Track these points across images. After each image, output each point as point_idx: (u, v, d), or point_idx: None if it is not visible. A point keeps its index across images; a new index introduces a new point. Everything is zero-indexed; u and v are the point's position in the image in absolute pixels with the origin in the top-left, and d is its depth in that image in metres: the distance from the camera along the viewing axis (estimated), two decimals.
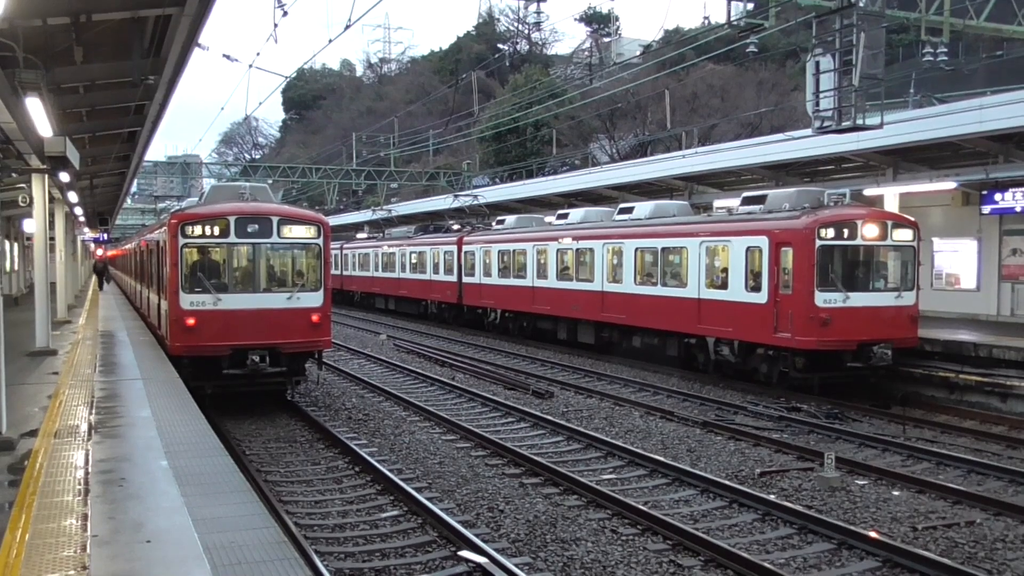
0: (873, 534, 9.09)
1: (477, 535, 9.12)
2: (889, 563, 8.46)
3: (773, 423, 15.13)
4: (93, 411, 10.66)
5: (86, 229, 42.95)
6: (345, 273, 46.58)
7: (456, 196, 37.88)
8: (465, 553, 8.58)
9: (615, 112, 49.04)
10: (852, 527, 9.30)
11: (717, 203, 23.98)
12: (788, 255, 16.83)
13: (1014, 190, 21.42)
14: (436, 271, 34.25)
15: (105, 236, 47.77)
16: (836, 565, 8.57)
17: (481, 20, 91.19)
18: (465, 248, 31.74)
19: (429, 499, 10.42)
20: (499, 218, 32.69)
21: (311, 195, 61.53)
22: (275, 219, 15.64)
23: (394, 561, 8.69)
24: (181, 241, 15.19)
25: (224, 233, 15.39)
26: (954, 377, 16.65)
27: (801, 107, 29.89)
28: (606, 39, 77.14)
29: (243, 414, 15.58)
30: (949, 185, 22.05)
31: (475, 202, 36.31)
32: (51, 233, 21.42)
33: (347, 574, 8.31)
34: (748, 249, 17.73)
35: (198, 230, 15.40)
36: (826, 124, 17.30)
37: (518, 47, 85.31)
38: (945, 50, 22.15)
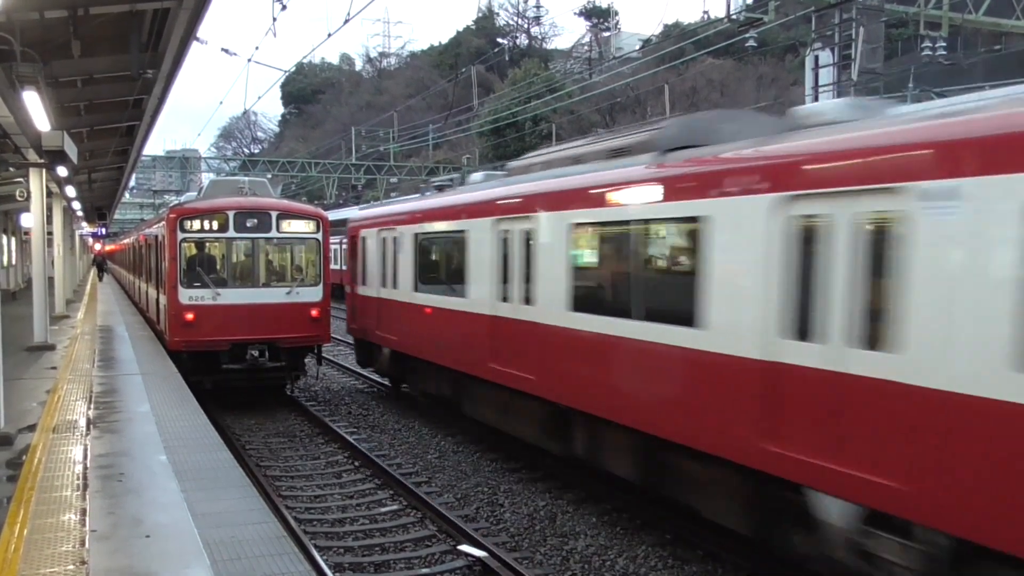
0: None
1: (476, 529, 9.13)
2: None
3: None
4: (92, 406, 10.65)
5: (84, 223, 42.89)
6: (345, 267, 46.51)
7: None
8: (465, 547, 8.59)
9: (614, 106, 48.98)
10: None
11: None
12: None
13: None
14: None
15: (103, 230, 47.69)
16: None
17: (480, 14, 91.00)
18: None
19: (427, 494, 10.44)
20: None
21: (310, 190, 61.45)
22: (274, 214, 15.64)
23: (394, 555, 8.70)
24: (180, 236, 15.18)
25: (223, 228, 15.39)
26: None
27: (800, 101, 29.86)
28: (605, 33, 77.02)
29: (243, 409, 15.57)
30: None
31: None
32: (49, 228, 21.40)
33: (347, 568, 8.31)
34: None
35: (197, 225, 15.40)
36: None
37: (517, 41, 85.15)
38: (944, 44, 22.14)
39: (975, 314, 5.38)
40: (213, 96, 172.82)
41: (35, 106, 10.59)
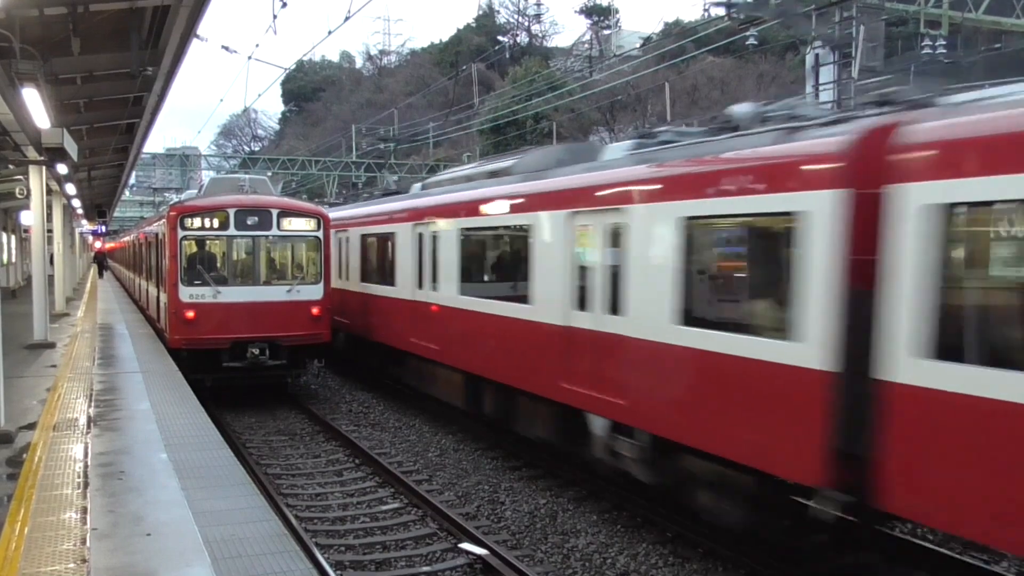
0: None
1: (477, 527, 9.12)
2: None
3: None
4: (92, 404, 10.64)
5: (84, 221, 42.86)
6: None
7: None
8: (466, 545, 8.58)
9: (615, 104, 48.92)
10: None
11: None
12: None
13: None
14: None
15: (103, 228, 47.66)
16: None
17: (481, 12, 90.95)
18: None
19: (428, 492, 10.43)
20: None
21: (310, 187, 61.41)
22: (275, 211, 15.62)
23: (395, 553, 8.69)
24: (180, 233, 15.17)
25: (224, 226, 15.38)
26: None
27: (801, 99, 29.75)
28: (606, 31, 76.97)
29: (243, 407, 15.56)
30: None
31: None
32: (49, 225, 21.36)
33: (348, 566, 8.30)
34: None
35: (197, 222, 15.39)
36: None
37: (518, 39, 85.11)
38: (944, 43, 22.12)
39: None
40: (213, 94, 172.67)
41: (35, 103, 10.57)
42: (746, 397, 7.10)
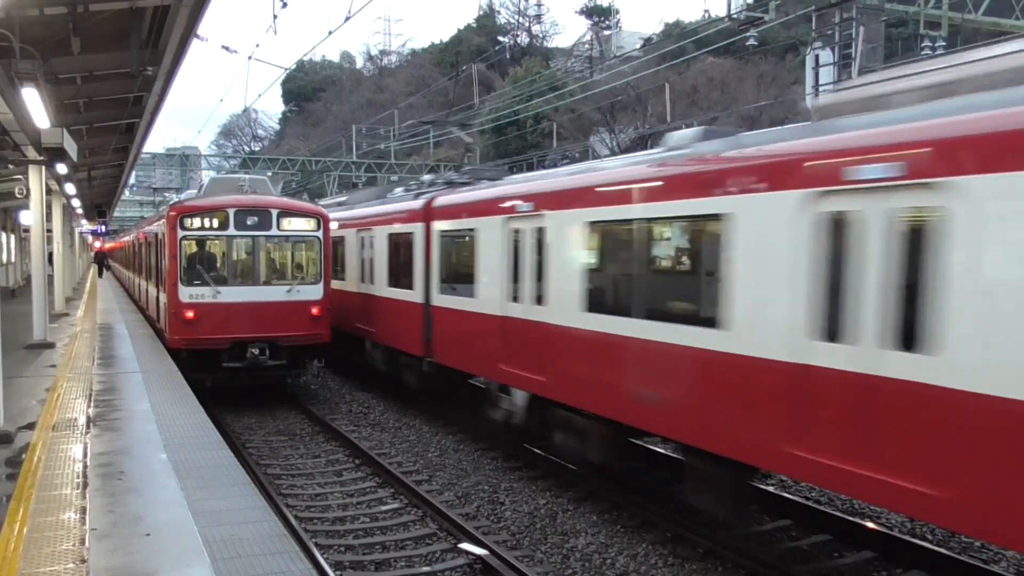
0: None
1: (477, 528, 9.12)
2: None
3: None
4: (91, 404, 10.64)
5: (84, 221, 42.84)
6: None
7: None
8: (465, 545, 8.58)
9: (615, 105, 48.91)
10: None
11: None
12: None
13: None
14: None
15: (103, 228, 47.62)
16: None
17: (481, 12, 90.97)
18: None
19: (428, 492, 10.42)
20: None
21: (311, 188, 61.37)
22: (274, 211, 15.62)
23: (394, 554, 8.68)
24: (180, 233, 15.16)
25: (223, 225, 15.38)
26: None
27: (801, 100, 29.79)
28: (606, 32, 76.96)
29: (243, 407, 15.56)
30: None
31: None
32: (48, 225, 21.34)
33: (347, 567, 8.30)
34: None
35: (197, 222, 15.38)
36: None
37: (518, 39, 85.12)
38: (944, 44, 22.11)
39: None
40: (213, 94, 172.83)
41: (34, 103, 10.56)
42: (405, 320, 14.66)
